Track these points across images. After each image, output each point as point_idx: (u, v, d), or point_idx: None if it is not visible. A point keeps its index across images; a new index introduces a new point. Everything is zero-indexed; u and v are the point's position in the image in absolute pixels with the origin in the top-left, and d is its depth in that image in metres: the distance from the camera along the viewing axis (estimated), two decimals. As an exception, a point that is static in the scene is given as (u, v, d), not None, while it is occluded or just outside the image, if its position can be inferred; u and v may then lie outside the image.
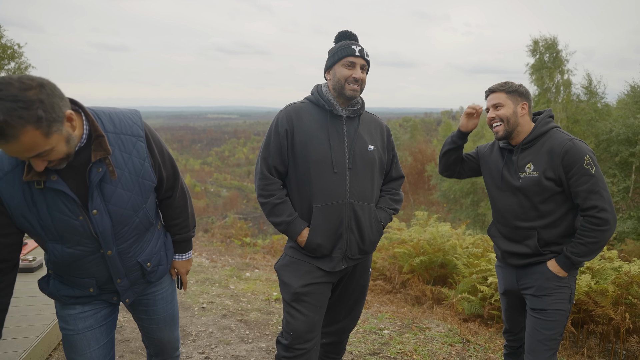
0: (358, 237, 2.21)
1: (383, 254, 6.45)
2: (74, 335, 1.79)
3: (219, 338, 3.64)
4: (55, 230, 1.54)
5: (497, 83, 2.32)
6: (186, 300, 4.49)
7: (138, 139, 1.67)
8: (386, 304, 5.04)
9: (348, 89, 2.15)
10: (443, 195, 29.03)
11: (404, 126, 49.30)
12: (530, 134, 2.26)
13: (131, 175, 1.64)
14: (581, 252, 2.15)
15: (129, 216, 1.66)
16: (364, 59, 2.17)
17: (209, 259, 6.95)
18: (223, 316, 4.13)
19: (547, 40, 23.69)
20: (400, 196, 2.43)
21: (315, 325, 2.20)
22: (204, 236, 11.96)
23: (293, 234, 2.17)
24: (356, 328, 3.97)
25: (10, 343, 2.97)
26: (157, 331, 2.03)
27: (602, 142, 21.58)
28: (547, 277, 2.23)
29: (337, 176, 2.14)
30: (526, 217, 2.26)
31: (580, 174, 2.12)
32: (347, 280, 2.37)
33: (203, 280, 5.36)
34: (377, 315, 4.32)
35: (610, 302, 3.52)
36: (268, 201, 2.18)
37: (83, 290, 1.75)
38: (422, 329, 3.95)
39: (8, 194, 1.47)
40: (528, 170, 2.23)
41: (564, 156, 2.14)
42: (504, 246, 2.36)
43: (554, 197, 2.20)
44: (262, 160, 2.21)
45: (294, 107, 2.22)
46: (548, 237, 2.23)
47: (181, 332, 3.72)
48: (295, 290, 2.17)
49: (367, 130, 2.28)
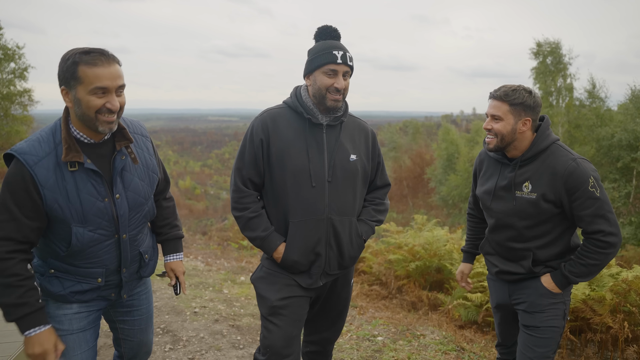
0: (337, 253, 2.10)
1: (379, 258, 6.39)
2: (68, 335, 1.81)
3: (209, 344, 3.58)
4: (81, 211, 1.66)
5: (505, 88, 2.06)
6: (178, 305, 4.44)
7: (146, 138, 1.93)
8: (381, 310, 4.97)
9: (330, 99, 1.99)
10: (442, 199, 28.98)
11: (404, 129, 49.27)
12: (530, 149, 2.07)
13: (144, 167, 1.85)
14: (580, 273, 2.05)
15: (141, 204, 1.83)
16: (347, 65, 1.99)
17: (204, 262, 6.89)
18: (215, 321, 4.07)
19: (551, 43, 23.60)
20: (386, 206, 2.29)
21: (293, 339, 2.09)
22: (201, 239, 11.92)
23: (269, 249, 2.05)
24: (349, 334, 3.91)
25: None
26: (138, 332, 2.06)
27: (603, 147, 21.52)
28: (540, 294, 2.13)
29: (316, 190, 2.01)
30: (521, 239, 2.13)
31: (584, 197, 1.97)
32: (328, 294, 2.25)
33: (197, 284, 5.30)
34: (371, 322, 4.26)
35: (608, 310, 3.46)
36: (242, 215, 2.06)
37: (91, 282, 1.79)
38: (417, 335, 3.88)
39: (43, 177, 1.60)
40: (525, 189, 2.08)
41: (567, 178, 1.98)
42: (499, 265, 2.24)
43: (551, 218, 2.07)
44: (236, 171, 2.08)
45: (270, 114, 2.08)
46: (544, 256, 2.13)
47: (171, 338, 3.67)
48: (273, 304, 2.06)
49: (350, 137, 2.13)
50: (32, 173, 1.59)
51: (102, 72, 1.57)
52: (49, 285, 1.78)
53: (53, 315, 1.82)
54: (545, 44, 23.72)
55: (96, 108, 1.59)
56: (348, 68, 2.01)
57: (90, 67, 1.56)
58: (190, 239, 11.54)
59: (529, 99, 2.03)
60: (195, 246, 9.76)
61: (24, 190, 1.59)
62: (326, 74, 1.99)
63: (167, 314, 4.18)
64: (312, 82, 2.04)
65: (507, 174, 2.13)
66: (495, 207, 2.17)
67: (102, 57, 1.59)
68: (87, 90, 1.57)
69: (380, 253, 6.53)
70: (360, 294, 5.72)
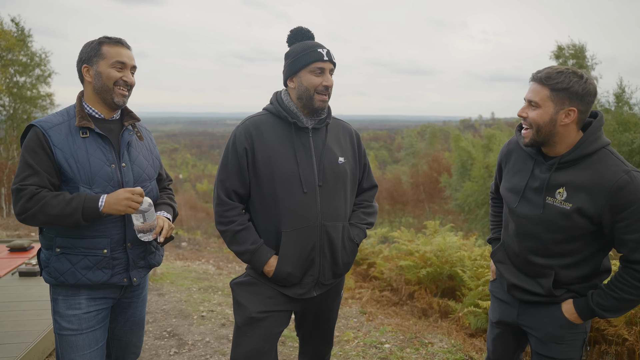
0: (331, 260, 2.01)
1: (391, 264, 6.33)
2: (77, 335, 1.87)
3: (215, 348, 3.57)
4: (90, 173, 1.82)
5: (547, 70, 1.70)
6: (186, 309, 4.45)
7: (150, 132, 2.18)
8: (391, 316, 4.91)
9: (317, 99, 1.93)
10: (457, 206, 28.60)
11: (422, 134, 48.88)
12: (574, 150, 1.71)
13: (148, 150, 2.07)
14: (610, 307, 1.73)
15: (145, 179, 1.99)
16: (332, 62, 1.95)
17: (215, 266, 6.92)
18: (222, 325, 4.07)
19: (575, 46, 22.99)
20: (374, 208, 2.21)
21: (264, 356, 1.97)
22: (215, 242, 11.98)
23: (258, 263, 1.95)
24: (356, 341, 3.86)
25: (4, 348, 2.96)
26: (128, 333, 2.13)
27: (623, 154, 20.98)
28: (560, 325, 1.83)
29: (307, 196, 1.93)
30: (544, 253, 1.80)
31: (634, 219, 1.63)
32: (320, 308, 2.17)
33: (206, 287, 5.32)
34: (379, 328, 4.20)
35: (623, 321, 3.35)
36: (228, 229, 1.96)
37: (97, 253, 1.85)
38: (425, 344, 3.82)
39: (56, 138, 1.81)
40: (559, 196, 1.73)
41: (615, 193, 1.63)
42: (511, 278, 1.91)
43: (584, 236, 1.74)
44: (219, 183, 1.99)
45: (252, 121, 1.99)
46: (567, 278, 1.80)
47: (177, 341, 3.67)
48: (251, 315, 1.96)
49: (336, 140, 2.07)
50: (47, 134, 1.80)
51: (122, 51, 1.90)
52: (59, 264, 1.85)
53: (63, 314, 1.89)
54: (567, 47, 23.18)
55: (115, 79, 1.86)
56: (333, 65, 1.96)
57: (112, 46, 1.89)
58: (205, 242, 11.62)
59: (576, 85, 1.65)
60: (209, 250, 9.82)
61: (40, 147, 1.78)
62: (313, 73, 1.92)
63: (174, 318, 4.19)
64: (296, 84, 1.96)
65: (540, 175, 1.78)
66: (521, 211, 1.83)
67: (121, 42, 1.92)
68: (108, 63, 1.86)
69: (392, 259, 6.47)
70: (370, 300, 5.66)
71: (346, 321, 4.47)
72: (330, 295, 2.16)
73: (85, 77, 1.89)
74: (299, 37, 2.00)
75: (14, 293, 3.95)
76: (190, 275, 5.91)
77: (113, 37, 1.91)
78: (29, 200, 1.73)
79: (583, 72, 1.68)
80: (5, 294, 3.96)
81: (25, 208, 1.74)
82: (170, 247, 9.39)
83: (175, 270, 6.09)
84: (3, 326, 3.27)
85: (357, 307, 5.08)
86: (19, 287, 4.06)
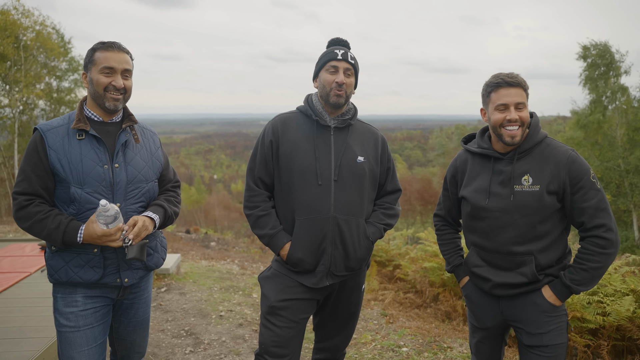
0: (342, 253, 2.10)
1: (416, 266, 6.21)
2: (75, 332, 1.91)
3: (230, 348, 3.59)
4: (82, 173, 1.86)
5: (512, 74, 1.94)
6: (205, 308, 4.50)
7: (154, 134, 2.20)
8: (413, 319, 4.81)
9: (332, 94, 2.08)
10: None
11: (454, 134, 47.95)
12: (528, 140, 1.96)
13: (147, 152, 2.07)
14: (583, 279, 1.88)
15: (140, 180, 1.99)
16: (348, 62, 2.09)
17: (239, 266, 6.98)
18: (239, 325, 4.09)
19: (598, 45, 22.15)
20: (396, 211, 2.29)
21: (289, 341, 2.09)
22: (244, 242, 12.12)
23: (275, 247, 2.12)
24: (374, 344, 3.80)
25: (27, 342, 3.07)
26: (132, 333, 2.15)
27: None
28: (542, 310, 1.95)
29: (322, 189, 2.06)
30: (522, 240, 1.94)
31: (587, 187, 1.88)
32: (336, 298, 2.25)
33: (227, 287, 5.37)
34: (398, 331, 4.12)
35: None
36: (252, 213, 2.16)
37: (88, 252, 1.88)
38: (444, 348, 3.71)
39: (52, 140, 1.88)
40: (525, 182, 1.92)
41: (570, 166, 1.88)
42: (493, 277, 2.00)
43: (552, 215, 1.92)
44: (249, 171, 2.20)
45: (281, 118, 2.19)
46: (545, 261, 1.94)
47: (194, 340, 3.71)
48: (272, 304, 2.10)
49: (359, 141, 2.18)
50: (44, 137, 1.87)
51: (111, 55, 1.89)
52: (53, 262, 1.91)
53: (62, 312, 1.93)
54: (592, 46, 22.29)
55: (104, 85, 1.88)
56: (348, 65, 2.10)
57: (102, 52, 1.90)
58: (233, 242, 11.77)
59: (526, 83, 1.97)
60: (236, 250, 9.93)
61: (35, 151, 1.87)
62: (328, 71, 2.10)
63: (193, 317, 4.24)
64: (318, 83, 2.16)
65: (503, 168, 1.98)
66: (492, 206, 1.97)
67: (114, 46, 1.92)
68: (98, 69, 1.89)
69: (416, 260, 6.35)
70: (393, 302, 5.57)
71: (365, 323, 4.41)
72: (347, 286, 2.23)
73: (84, 83, 1.96)
74: (331, 44, 2.19)
75: (42, 289, 4.11)
76: (213, 274, 5.98)
77: (107, 42, 1.92)
78: (17, 211, 1.85)
79: None
80: (34, 289, 4.12)
81: (17, 218, 1.87)
82: (198, 246, 9.55)
83: (199, 270, 6.18)
84: (29, 321, 3.40)
85: (379, 309, 5.00)
86: (47, 284, 4.21)
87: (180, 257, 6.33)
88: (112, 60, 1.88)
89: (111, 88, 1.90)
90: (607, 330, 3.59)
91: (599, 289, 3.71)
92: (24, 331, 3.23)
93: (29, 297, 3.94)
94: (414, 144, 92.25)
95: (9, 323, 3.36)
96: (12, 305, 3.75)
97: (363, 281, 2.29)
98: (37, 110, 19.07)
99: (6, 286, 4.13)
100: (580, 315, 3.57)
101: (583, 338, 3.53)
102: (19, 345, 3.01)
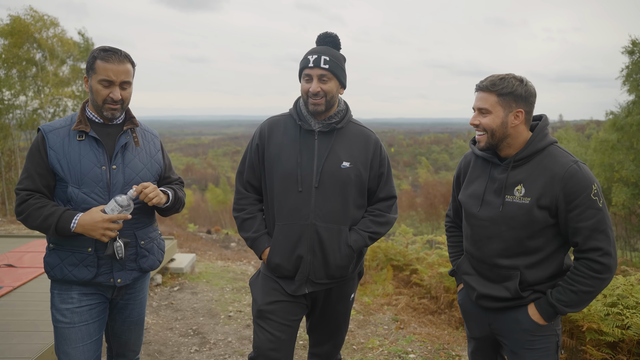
0: (321, 260, 2.06)
1: (432, 271, 6.10)
2: (70, 328, 1.95)
3: (235, 348, 3.60)
4: (80, 174, 1.90)
5: (491, 78, 1.82)
6: (215, 308, 4.53)
7: (156, 137, 2.22)
8: (425, 325, 4.71)
9: (310, 103, 2.03)
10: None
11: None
12: (525, 148, 1.82)
13: (147, 155, 2.09)
14: (570, 302, 1.76)
15: (137, 182, 2.00)
16: (321, 68, 1.99)
17: (255, 267, 7.01)
18: (246, 326, 4.09)
19: None
20: (388, 218, 2.18)
21: (282, 344, 2.07)
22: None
23: (257, 250, 2.14)
24: (381, 349, 3.74)
25: (38, 335, 3.15)
26: (126, 332, 2.19)
27: None
28: (523, 328, 1.85)
29: (302, 195, 2.04)
30: (508, 254, 1.84)
31: (585, 206, 1.71)
32: (323, 306, 2.21)
33: (239, 288, 5.39)
34: (407, 337, 4.04)
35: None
36: (238, 215, 2.18)
37: (82, 251, 1.92)
38: (452, 356, 3.62)
39: (52, 140, 1.93)
40: (517, 193, 1.80)
41: (567, 182, 1.72)
42: (479, 287, 1.93)
43: (544, 231, 1.79)
44: (238, 175, 2.23)
45: (269, 122, 2.18)
46: (532, 278, 1.83)
47: (200, 340, 3.74)
48: (260, 307, 2.10)
49: (347, 145, 2.10)
50: (45, 137, 1.92)
51: (111, 67, 1.89)
52: (50, 259, 1.97)
53: (58, 308, 1.98)
54: None
55: (102, 97, 1.91)
56: (322, 71, 2.00)
57: (103, 62, 1.89)
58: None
59: (519, 88, 1.78)
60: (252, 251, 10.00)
61: (37, 150, 1.93)
62: (304, 79, 2.05)
63: (202, 316, 4.28)
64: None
65: (498, 176, 1.87)
66: (482, 214, 1.89)
67: (114, 56, 1.91)
68: (97, 79, 1.90)
69: (434, 265, 6.24)
70: (406, 307, 5.48)
71: (375, 328, 4.35)
72: (333, 295, 2.19)
73: (85, 87, 2.02)
74: (316, 42, 2.11)
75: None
76: (227, 275, 6.02)
77: (108, 50, 1.92)
78: (19, 205, 1.90)
79: (522, 76, 1.82)
80: (50, 285, 4.24)
81: (17, 212, 1.92)
82: (217, 247, 9.66)
83: (214, 270, 6.24)
84: (42, 315, 3.49)
85: (391, 314, 4.93)
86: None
87: (196, 257, 6.40)
88: (110, 73, 1.89)
89: (109, 100, 1.93)
90: (627, 345, 3.42)
91: (619, 300, 3.55)
92: (36, 324, 3.32)
93: (45, 291, 4.04)
94: (441, 147, 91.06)
95: (24, 316, 3.46)
96: (29, 299, 3.86)
97: (352, 290, 2.23)
98: (68, 111, 19.66)
99: (25, 280, 4.25)
100: (597, 327, 3.42)
101: (600, 352, 3.38)
102: (31, 338, 3.10)
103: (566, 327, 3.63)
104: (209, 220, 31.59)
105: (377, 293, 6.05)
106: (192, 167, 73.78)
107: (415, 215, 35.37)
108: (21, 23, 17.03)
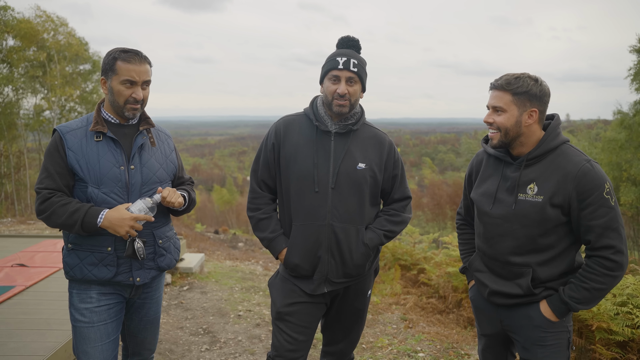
0: (339, 260, 2.08)
1: (440, 270, 6.10)
2: (89, 327, 1.98)
3: (245, 347, 3.63)
4: (99, 174, 1.94)
5: (506, 77, 1.84)
6: (225, 307, 4.56)
7: (169, 137, 2.25)
8: (433, 324, 4.72)
9: (335, 104, 2.04)
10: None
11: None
12: (538, 147, 1.84)
13: (162, 154, 2.13)
14: (583, 299, 1.78)
15: (154, 182, 2.05)
16: (350, 70, 2.02)
17: (263, 267, 7.04)
18: (256, 325, 4.12)
19: None
20: (403, 217, 2.22)
21: (300, 345, 2.11)
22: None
23: (274, 251, 2.14)
24: (390, 348, 3.75)
25: (52, 333, 3.20)
26: (142, 331, 2.22)
27: None
28: (535, 324, 1.87)
29: (318, 196, 2.05)
30: (520, 251, 1.86)
31: (598, 204, 1.73)
32: (340, 302, 2.23)
33: (248, 287, 5.43)
34: (416, 336, 4.05)
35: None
36: (253, 215, 2.18)
37: (102, 250, 1.95)
38: (461, 355, 3.63)
39: (70, 141, 1.95)
40: (530, 191, 1.82)
41: (580, 180, 1.74)
42: (491, 284, 1.95)
43: (556, 229, 1.81)
44: (253, 173, 2.22)
45: (284, 120, 2.18)
46: (544, 275, 1.85)
47: (210, 338, 3.77)
48: (278, 310, 2.12)
49: (362, 146, 2.13)
50: (63, 138, 1.95)
51: (134, 68, 1.93)
52: (69, 259, 1.99)
53: (77, 307, 2.01)
54: None
55: (125, 97, 1.94)
56: (351, 74, 2.03)
57: (125, 63, 1.92)
58: (260, 242, 11.88)
59: (534, 87, 1.80)
60: (262, 250, 10.03)
61: (56, 150, 1.95)
62: (331, 81, 2.05)
63: (212, 316, 4.31)
64: (322, 90, 2.13)
65: (511, 174, 1.89)
66: (495, 212, 1.91)
67: (136, 57, 1.94)
68: (119, 80, 1.93)
69: (441, 265, 6.24)
70: (414, 307, 5.49)
71: (384, 327, 4.36)
72: (351, 292, 2.21)
73: (102, 89, 2.01)
74: (340, 45, 2.13)
75: (69, 285, 4.26)
76: (236, 274, 6.06)
77: (129, 51, 1.95)
78: (41, 203, 1.91)
79: (537, 76, 1.84)
80: (63, 284, 4.23)
81: (39, 210, 1.92)
82: (225, 247, 9.71)
83: (222, 270, 6.28)
84: (55, 313, 3.54)
85: (399, 314, 4.94)
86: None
87: (204, 257, 6.45)
88: (134, 73, 1.92)
89: (131, 100, 1.96)
90: (637, 344, 3.41)
91: (629, 300, 3.54)
92: (49, 323, 3.37)
93: (57, 290, 4.11)
94: (448, 147, 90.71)
95: (37, 315, 3.51)
96: (42, 298, 3.91)
97: (369, 287, 2.26)
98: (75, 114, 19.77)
99: (37, 279, 4.31)
100: (607, 326, 3.42)
101: (610, 351, 3.37)
102: (44, 336, 3.14)
103: (575, 326, 3.62)
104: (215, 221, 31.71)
105: (385, 292, 6.06)
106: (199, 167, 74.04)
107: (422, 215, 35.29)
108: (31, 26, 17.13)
